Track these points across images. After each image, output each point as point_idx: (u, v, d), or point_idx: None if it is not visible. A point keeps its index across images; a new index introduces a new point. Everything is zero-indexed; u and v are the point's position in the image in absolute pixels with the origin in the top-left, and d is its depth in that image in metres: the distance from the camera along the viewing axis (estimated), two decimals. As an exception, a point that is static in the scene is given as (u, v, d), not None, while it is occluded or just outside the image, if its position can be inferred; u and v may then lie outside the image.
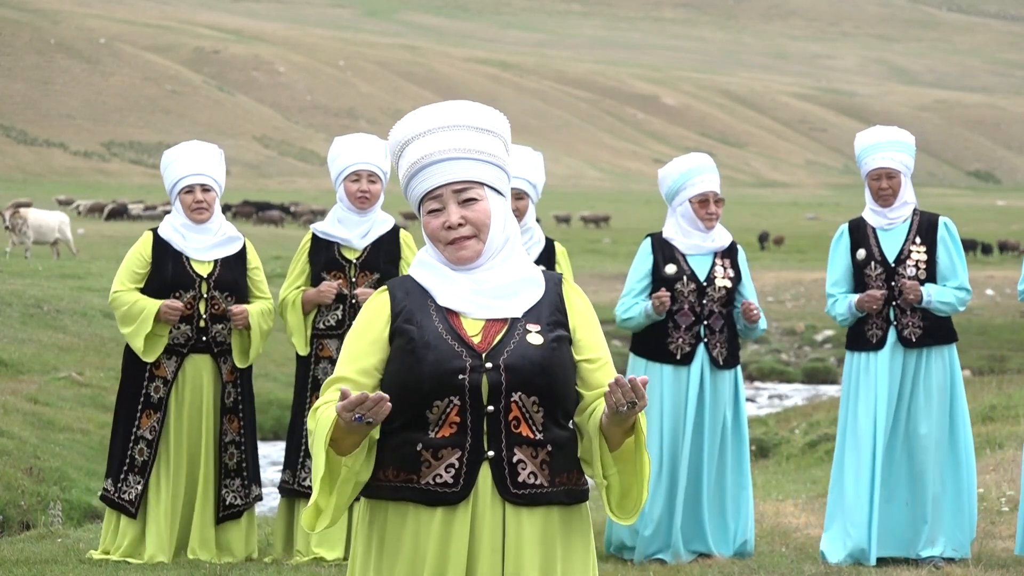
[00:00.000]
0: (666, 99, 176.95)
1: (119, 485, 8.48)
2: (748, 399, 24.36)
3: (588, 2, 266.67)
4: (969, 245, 54.75)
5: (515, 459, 3.97)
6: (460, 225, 4.02)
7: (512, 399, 3.97)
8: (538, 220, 8.91)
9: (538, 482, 3.98)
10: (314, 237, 8.67)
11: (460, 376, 3.95)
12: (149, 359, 8.46)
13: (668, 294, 8.63)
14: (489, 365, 3.97)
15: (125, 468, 8.48)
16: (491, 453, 3.97)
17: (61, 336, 20.24)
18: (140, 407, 8.48)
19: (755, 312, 8.70)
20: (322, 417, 3.93)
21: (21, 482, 12.40)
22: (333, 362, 8.51)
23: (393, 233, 8.66)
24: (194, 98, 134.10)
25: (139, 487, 8.46)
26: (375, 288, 8.51)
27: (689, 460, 8.73)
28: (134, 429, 8.48)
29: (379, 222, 8.65)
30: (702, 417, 8.75)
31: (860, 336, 8.68)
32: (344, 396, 3.81)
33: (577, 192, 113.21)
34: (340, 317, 8.57)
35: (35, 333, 20.06)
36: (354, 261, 8.60)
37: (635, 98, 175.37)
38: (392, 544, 4.01)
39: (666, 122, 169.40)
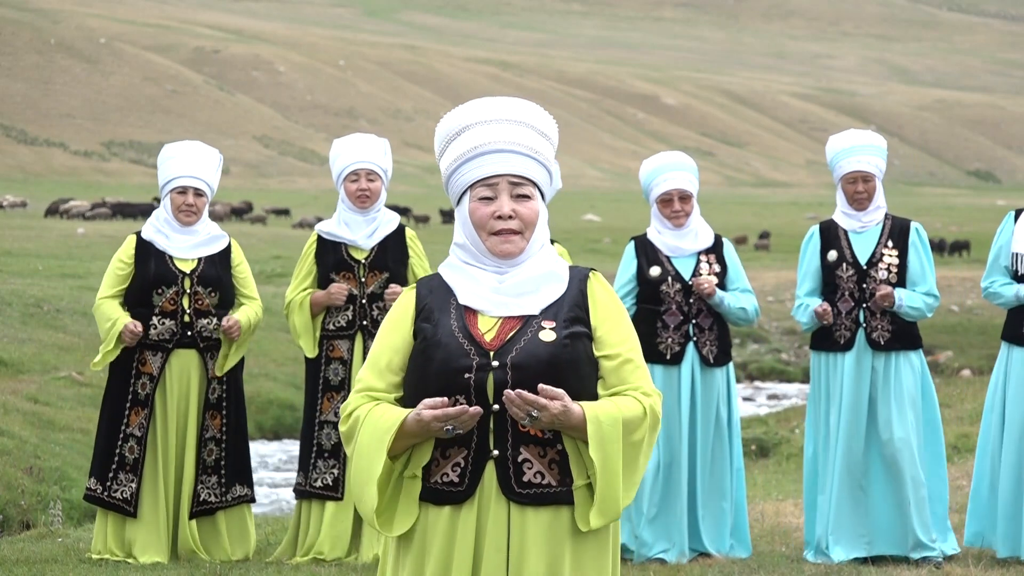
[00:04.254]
0: (666, 99, 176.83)
1: (108, 484, 8.45)
2: (748, 399, 24.34)
3: (588, 2, 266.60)
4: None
5: (520, 458, 3.96)
6: (510, 217, 4.03)
7: None
8: None
9: (545, 481, 3.97)
10: (319, 239, 8.65)
11: (466, 375, 3.96)
12: (96, 369, 8.51)
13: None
14: (496, 364, 3.96)
15: (114, 466, 8.46)
16: (496, 452, 3.97)
17: (61, 336, 20.24)
18: (128, 404, 8.48)
19: (704, 286, 8.66)
20: (379, 422, 3.95)
21: (21, 482, 12.42)
22: (344, 363, 8.52)
23: (399, 232, 8.67)
24: (194, 98, 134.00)
25: (133, 485, 8.43)
26: (385, 287, 8.56)
27: (686, 459, 8.74)
28: (122, 427, 8.47)
29: (384, 222, 8.66)
30: (695, 416, 8.74)
31: (827, 336, 8.70)
32: (435, 405, 3.84)
33: (577, 192, 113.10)
34: (350, 318, 8.57)
35: (35, 333, 20.05)
36: (363, 261, 8.60)
37: (635, 98, 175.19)
38: (408, 540, 4.05)
39: (666, 122, 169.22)
